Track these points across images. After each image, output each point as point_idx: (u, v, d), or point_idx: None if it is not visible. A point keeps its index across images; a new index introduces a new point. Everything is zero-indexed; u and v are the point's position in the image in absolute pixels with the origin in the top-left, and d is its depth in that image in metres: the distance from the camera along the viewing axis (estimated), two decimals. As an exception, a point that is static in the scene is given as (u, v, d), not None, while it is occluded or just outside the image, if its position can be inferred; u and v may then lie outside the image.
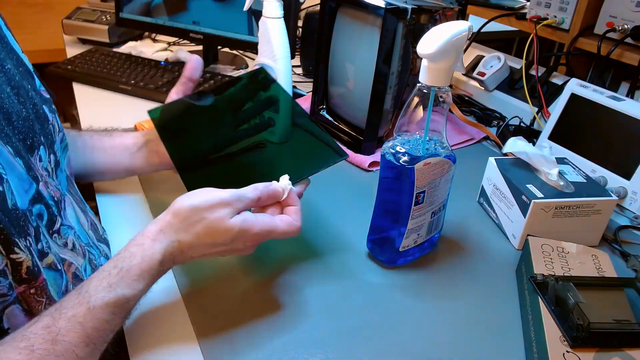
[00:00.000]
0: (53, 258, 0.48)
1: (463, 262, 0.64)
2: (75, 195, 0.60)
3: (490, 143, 0.95)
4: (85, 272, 0.54)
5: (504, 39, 1.66)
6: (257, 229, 0.48)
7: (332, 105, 0.93)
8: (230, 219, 0.47)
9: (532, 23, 0.98)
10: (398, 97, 0.84)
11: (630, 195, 0.74)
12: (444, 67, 0.51)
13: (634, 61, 0.85)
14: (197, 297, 0.55)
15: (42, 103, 0.55)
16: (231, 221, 0.47)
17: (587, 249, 0.61)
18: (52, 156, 0.55)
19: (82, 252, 0.55)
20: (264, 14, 0.76)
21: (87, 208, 0.62)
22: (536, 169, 0.69)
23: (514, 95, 1.01)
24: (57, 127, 0.57)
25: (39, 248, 0.47)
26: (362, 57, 0.81)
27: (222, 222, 0.46)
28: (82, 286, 0.44)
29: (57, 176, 0.56)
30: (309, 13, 1.14)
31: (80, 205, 0.60)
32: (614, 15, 0.88)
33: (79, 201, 0.60)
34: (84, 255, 0.55)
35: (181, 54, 1.21)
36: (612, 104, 0.77)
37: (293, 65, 0.97)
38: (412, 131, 0.56)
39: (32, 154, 0.50)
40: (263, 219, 0.49)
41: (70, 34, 1.33)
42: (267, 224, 0.49)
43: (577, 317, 0.48)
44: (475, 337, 0.53)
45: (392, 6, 0.74)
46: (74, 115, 2.22)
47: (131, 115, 0.94)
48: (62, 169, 0.58)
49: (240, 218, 0.47)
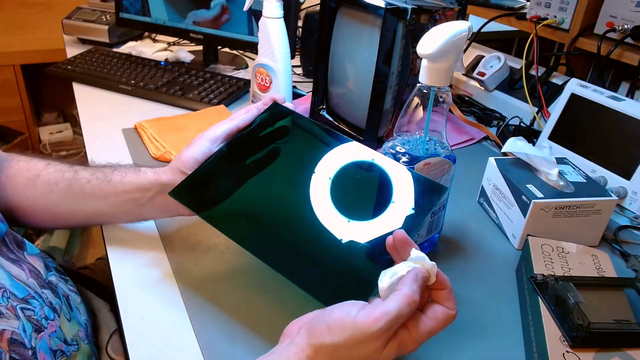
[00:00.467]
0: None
1: (463, 262, 0.64)
2: (3, 248, 0.54)
3: (490, 143, 0.95)
4: (25, 333, 0.48)
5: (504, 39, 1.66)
6: (412, 346, 0.40)
7: (332, 105, 0.93)
8: (382, 352, 0.38)
9: (532, 23, 0.98)
10: (398, 97, 0.84)
11: (630, 195, 0.74)
12: (444, 67, 0.51)
13: (634, 61, 0.85)
14: (197, 297, 0.55)
15: None
16: (384, 353, 0.39)
17: (587, 249, 0.61)
18: None
19: (14, 313, 0.49)
20: (264, 14, 0.77)
21: (25, 253, 0.56)
22: (536, 169, 0.69)
23: (514, 95, 1.01)
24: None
25: None
26: (362, 57, 0.81)
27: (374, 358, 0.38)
28: None
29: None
30: (309, 13, 1.14)
31: (11, 256, 0.54)
32: (614, 15, 0.88)
33: (10, 252, 0.54)
34: (17, 316, 0.49)
35: (181, 54, 1.21)
36: (612, 104, 0.77)
37: (293, 65, 0.97)
38: (412, 131, 0.56)
39: None
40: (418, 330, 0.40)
41: (70, 34, 1.33)
42: (422, 334, 0.40)
43: (577, 317, 0.48)
44: (475, 337, 0.53)
45: (392, 6, 0.74)
46: (74, 115, 2.23)
47: (131, 115, 0.94)
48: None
49: (394, 346, 0.39)
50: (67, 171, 0.60)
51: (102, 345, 0.64)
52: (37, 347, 0.49)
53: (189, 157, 0.57)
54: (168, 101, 1.01)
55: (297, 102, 1.02)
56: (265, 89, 0.80)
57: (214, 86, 1.05)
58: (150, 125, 0.88)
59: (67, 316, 0.57)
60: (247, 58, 1.29)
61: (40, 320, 0.51)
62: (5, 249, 0.54)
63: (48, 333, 0.52)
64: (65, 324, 0.55)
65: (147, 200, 0.58)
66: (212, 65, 1.21)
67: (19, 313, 0.49)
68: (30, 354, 0.48)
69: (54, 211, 0.60)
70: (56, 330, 0.53)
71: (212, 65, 1.21)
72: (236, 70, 1.20)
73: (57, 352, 0.52)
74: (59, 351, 0.53)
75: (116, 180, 0.58)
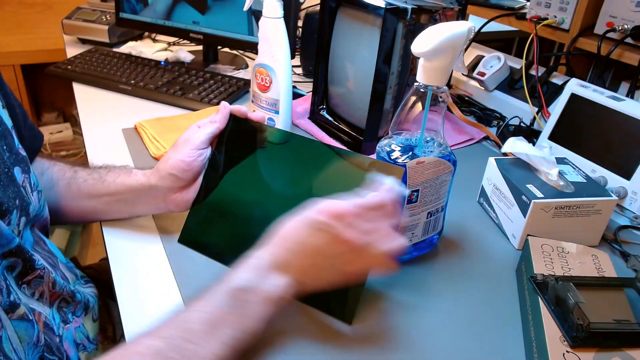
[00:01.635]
0: (24, 309, 0.48)
1: (463, 262, 0.64)
2: (42, 253, 0.58)
3: (490, 143, 0.95)
4: (54, 320, 0.53)
5: (504, 39, 1.66)
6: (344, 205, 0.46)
7: (332, 105, 0.93)
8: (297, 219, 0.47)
9: (532, 23, 0.98)
10: (398, 97, 0.84)
11: (630, 195, 0.74)
12: (441, 67, 0.51)
13: (634, 61, 0.85)
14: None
15: (16, 164, 0.53)
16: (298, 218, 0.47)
17: (587, 249, 0.61)
18: (23, 218, 0.53)
19: (49, 301, 0.54)
20: (264, 14, 0.76)
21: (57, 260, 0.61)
22: (536, 169, 0.69)
23: (514, 95, 1.01)
24: (30, 187, 0.55)
25: (11, 300, 0.47)
26: (362, 57, 0.81)
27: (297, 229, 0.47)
28: None
29: (23, 237, 0.54)
30: (309, 13, 1.14)
31: (49, 260, 0.58)
32: (614, 15, 0.88)
33: (47, 257, 0.59)
34: (50, 304, 0.54)
35: (181, 54, 1.21)
36: (612, 104, 0.77)
37: (293, 65, 0.97)
38: (409, 130, 0.56)
39: (3, 218, 0.49)
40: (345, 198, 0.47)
41: (70, 34, 1.33)
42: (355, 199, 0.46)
43: (577, 317, 0.48)
44: (475, 337, 0.53)
45: (392, 6, 0.74)
46: (74, 115, 2.23)
47: (131, 115, 0.94)
48: (27, 231, 0.56)
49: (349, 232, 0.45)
50: (68, 171, 0.64)
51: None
52: (64, 336, 0.54)
53: (179, 160, 0.58)
54: (168, 101, 1.01)
55: (297, 102, 1.02)
56: (265, 89, 0.80)
57: (214, 86, 1.05)
58: (150, 125, 0.88)
59: (94, 317, 0.62)
60: (247, 58, 1.29)
61: (68, 314, 0.56)
62: (44, 252, 0.59)
63: (74, 326, 0.57)
64: (89, 324, 0.60)
65: (137, 201, 0.61)
66: (212, 65, 1.21)
67: (55, 302, 0.55)
68: (58, 340, 0.53)
69: (53, 207, 0.63)
70: (80, 326, 0.58)
71: (212, 65, 1.21)
72: (236, 70, 1.20)
73: (79, 345, 0.57)
74: (82, 345, 0.58)
75: (110, 181, 0.62)
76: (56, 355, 0.52)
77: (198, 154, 0.59)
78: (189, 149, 0.58)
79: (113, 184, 0.61)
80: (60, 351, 0.52)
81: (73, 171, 0.64)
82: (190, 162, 0.58)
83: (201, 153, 0.59)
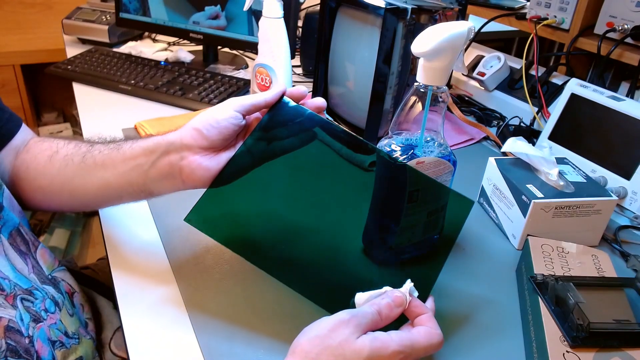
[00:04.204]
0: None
1: (463, 262, 0.64)
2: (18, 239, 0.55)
3: (490, 143, 0.95)
4: (22, 322, 0.50)
5: (504, 39, 1.66)
6: (393, 345, 0.42)
7: (332, 105, 0.93)
8: (357, 339, 0.41)
9: (532, 23, 0.98)
10: (398, 97, 0.84)
11: (630, 195, 0.74)
12: (440, 67, 0.51)
13: (634, 61, 0.85)
14: (197, 297, 0.55)
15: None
16: (358, 341, 0.41)
17: (587, 249, 0.61)
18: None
19: (11, 303, 0.50)
20: (264, 14, 0.77)
21: (40, 245, 0.58)
22: (536, 169, 0.69)
23: (514, 95, 1.01)
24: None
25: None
26: (362, 57, 0.81)
27: (348, 345, 0.41)
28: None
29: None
30: (309, 13, 1.14)
31: (22, 248, 0.55)
32: (614, 15, 0.88)
33: (23, 243, 0.56)
34: (14, 306, 0.50)
35: (181, 54, 1.21)
36: (612, 104, 0.77)
37: (293, 65, 0.97)
38: (409, 130, 0.56)
39: None
40: (397, 334, 0.43)
41: (70, 34, 1.33)
42: (403, 338, 0.43)
43: (577, 317, 0.48)
44: (475, 337, 0.53)
45: (392, 6, 0.74)
46: (74, 115, 2.23)
47: (131, 115, 0.94)
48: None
49: (368, 337, 0.42)
50: (84, 146, 0.59)
51: (105, 341, 0.64)
52: (35, 336, 0.51)
53: (207, 114, 0.53)
54: (168, 101, 1.01)
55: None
56: (265, 89, 0.80)
57: (214, 86, 1.05)
58: (150, 125, 0.88)
59: (70, 312, 0.58)
60: (247, 58, 1.29)
61: (40, 312, 0.53)
62: (20, 239, 0.56)
63: (47, 324, 0.53)
64: (67, 319, 0.57)
65: (151, 165, 0.54)
66: (212, 65, 1.21)
67: (17, 303, 0.50)
68: (27, 342, 0.50)
69: (69, 187, 0.59)
70: (56, 322, 0.54)
71: (212, 65, 1.21)
72: (236, 70, 1.20)
73: (56, 343, 0.53)
74: (59, 342, 0.54)
75: (126, 148, 0.56)
76: (24, 357, 0.49)
77: (231, 115, 0.52)
78: (223, 106, 0.53)
79: (129, 149, 0.56)
80: (30, 352, 0.50)
81: (90, 145, 0.59)
82: (220, 120, 0.52)
83: (235, 116, 0.52)
